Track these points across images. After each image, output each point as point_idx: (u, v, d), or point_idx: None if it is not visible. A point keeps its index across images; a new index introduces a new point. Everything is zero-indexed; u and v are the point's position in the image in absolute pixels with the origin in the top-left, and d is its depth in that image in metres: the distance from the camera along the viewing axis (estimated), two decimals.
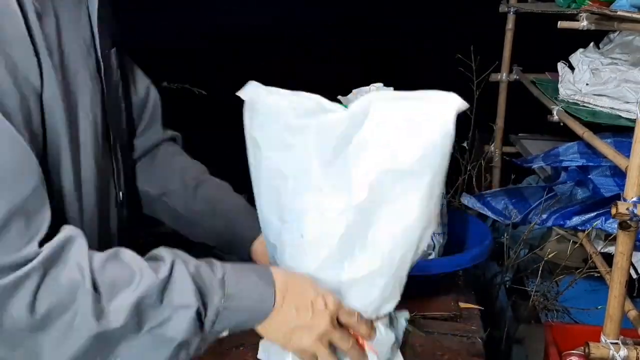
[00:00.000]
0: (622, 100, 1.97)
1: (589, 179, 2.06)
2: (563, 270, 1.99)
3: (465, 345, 1.46)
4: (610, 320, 1.40)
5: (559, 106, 2.07)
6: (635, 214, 1.29)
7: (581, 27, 1.76)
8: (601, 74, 2.03)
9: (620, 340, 1.39)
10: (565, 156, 2.17)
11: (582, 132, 1.80)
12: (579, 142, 2.17)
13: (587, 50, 2.20)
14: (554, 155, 2.22)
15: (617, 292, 1.38)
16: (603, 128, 2.02)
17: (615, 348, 1.37)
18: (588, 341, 1.40)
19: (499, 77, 2.79)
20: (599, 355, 1.38)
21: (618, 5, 1.75)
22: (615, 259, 1.39)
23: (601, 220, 1.79)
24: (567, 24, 1.80)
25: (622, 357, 1.36)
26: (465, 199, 2.23)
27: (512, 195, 2.20)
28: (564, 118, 1.98)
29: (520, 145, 2.80)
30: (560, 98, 2.17)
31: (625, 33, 2.15)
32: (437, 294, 1.73)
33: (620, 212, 1.30)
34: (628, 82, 1.96)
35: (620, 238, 1.37)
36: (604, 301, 1.42)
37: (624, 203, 1.30)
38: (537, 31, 2.57)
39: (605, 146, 1.64)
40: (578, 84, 2.11)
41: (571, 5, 2.21)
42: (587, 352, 1.38)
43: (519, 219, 2.09)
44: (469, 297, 1.74)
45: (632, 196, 1.31)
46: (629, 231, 1.34)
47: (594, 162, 2.08)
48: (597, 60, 2.09)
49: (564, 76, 2.19)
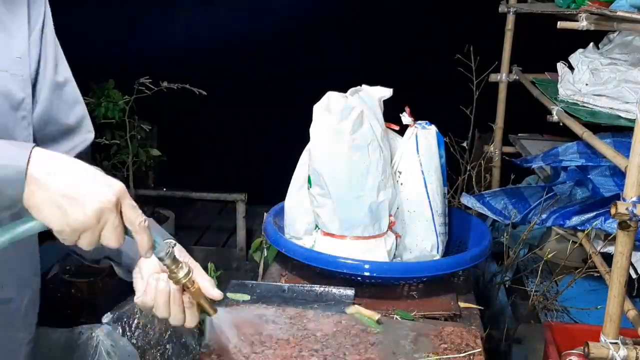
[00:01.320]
0: (621, 100, 1.98)
1: (589, 179, 2.07)
2: (563, 270, 2.00)
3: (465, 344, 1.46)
4: (610, 320, 1.40)
5: (559, 106, 2.07)
6: (635, 214, 1.29)
7: (581, 27, 1.76)
8: (601, 74, 2.04)
9: (620, 340, 1.40)
10: (564, 156, 2.17)
11: (582, 132, 1.81)
12: (578, 142, 2.17)
13: (587, 51, 2.20)
14: (553, 155, 2.22)
15: (616, 292, 1.39)
16: (602, 128, 2.02)
17: (614, 348, 1.37)
18: (588, 341, 1.40)
19: (498, 77, 2.79)
20: (599, 355, 1.38)
21: (617, 5, 1.76)
22: (614, 258, 1.39)
23: (601, 220, 1.79)
24: (567, 24, 1.81)
25: (621, 357, 1.37)
26: (465, 199, 2.23)
27: (512, 195, 2.20)
28: (564, 118, 1.98)
29: (520, 145, 2.80)
30: (560, 98, 2.18)
31: (624, 33, 2.15)
32: (437, 294, 1.73)
33: (619, 212, 1.30)
34: (627, 82, 1.97)
35: (619, 238, 1.37)
36: (604, 301, 1.43)
37: (624, 203, 1.31)
38: (537, 31, 2.57)
39: (605, 146, 1.65)
40: (577, 84, 2.11)
41: (571, 5, 2.21)
42: (586, 352, 1.39)
43: (518, 219, 2.10)
44: (469, 297, 1.75)
45: (631, 196, 1.31)
46: (629, 231, 1.34)
47: (594, 162, 2.08)
48: (596, 60, 2.09)
49: (564, 76, 2.20)
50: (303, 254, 1.76)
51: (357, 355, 1.39)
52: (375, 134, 1.72)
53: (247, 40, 4.03)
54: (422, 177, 1.79)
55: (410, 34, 3.90)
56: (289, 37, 4.00)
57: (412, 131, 1.83)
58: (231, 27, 4.03)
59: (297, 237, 1.88)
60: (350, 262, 1.67)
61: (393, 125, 1.85)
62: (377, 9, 3.93)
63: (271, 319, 1.51)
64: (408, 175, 1.80)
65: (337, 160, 1.70)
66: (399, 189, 1.81)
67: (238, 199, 3.77)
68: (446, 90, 3.22)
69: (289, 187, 1.90)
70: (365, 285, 1.72)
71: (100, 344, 2.21)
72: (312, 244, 1.82)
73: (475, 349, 1.44)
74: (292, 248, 1.79)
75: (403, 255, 1.84)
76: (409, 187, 1.80)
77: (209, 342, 1.38)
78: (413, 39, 3.90)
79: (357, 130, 1.69)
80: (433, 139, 1.83)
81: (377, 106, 1.80)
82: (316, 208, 1.78)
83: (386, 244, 1.76)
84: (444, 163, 1.88)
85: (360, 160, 1.70)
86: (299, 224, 1.88)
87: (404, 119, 1.85)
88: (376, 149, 1.71)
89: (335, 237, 1.76)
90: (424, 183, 1.79)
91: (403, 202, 1.81)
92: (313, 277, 1.79)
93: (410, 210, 1.81)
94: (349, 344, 1.43)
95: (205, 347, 1.41)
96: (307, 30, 3.99)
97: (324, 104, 1.74)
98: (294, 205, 1.88)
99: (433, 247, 1.81)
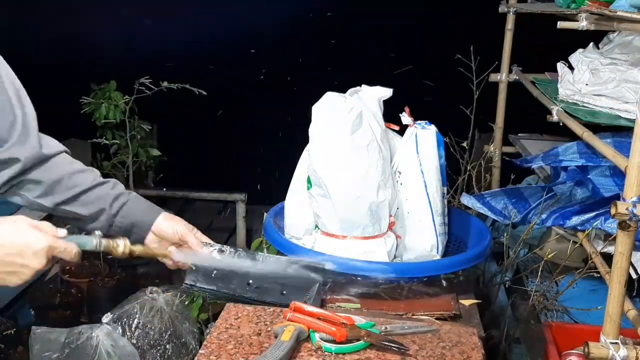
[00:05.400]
0: (621, 100, 1.97)
1: (589, 179, 2.06)
2: (563, 270, 1.99)
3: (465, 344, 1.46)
4: (610, 320, 1.40)
5: (559, 106, 2.07)
6: (635, 214, 1.29)
7: (581, 27, 1.76)
8: (600, 74, 2.04)
9: (620, 340, 1.39)
10: (564, 156, 2.17)
11: (582, 132, 1.81)
12: (578, 142, 2.17)
13: (587, 51, 2.20)
14: (553, 155, 2.22)
15: (616, 292, 1.38)
16: (602, 128, 2.02)
17: (614, 348, 1.37)
18: (587, 341, 1.40)
19: (498, 77, 2.79)
20: (599, 355, 1.38)
21: (617, 5, 1.75)
22: (614, 258, 1.39)
23: (601, 220, 1.79)
24: (567, 24, 1.81)
25: (621, 357, 1.36)
26: (465, 199, 2.23)
27: (512, 195, 2.20)
28: (564, 118, 1.98)
29: (520, 145, 2.80)
30: (560, 98, 2.17)
31: (624, 33, 2.15)
32: (437, 294, 1.73)
33: (619, 212, 1.30)
34: (627, 82, 1.97)
35: (619, 238, 1.37)
36: (604, 301, 1.42)
37: (624, 203, 1.30)
38: (537, 31, 2.57)
39: (605, 146, 1.64)
40: (577, 84, 2.11)
41: (571, 5, 2.21)
42: (586, 352, 1.38)
43: (518, 219, 2.10)
44: (468, 297, 1.75)
45: (631, 196, 1.31)
46: (629, 231, 1.34)
47: (594, 162, 2.08)
48: (596, 60, 2.09)
49: (564, 76, 2.20)
50: (303, 254, 1.75)
51: (356, 355, 1.39)
52: (375, 134, 1.72)
53: (247, 40, 4.02)
54: (422, 177, 1.79)
55: (410, 34, 3.90)
56: (289, 37, 3.99)
57: (412, 131, 1.83)
58: (231, 27, 4.02)
59: (297, 237, 1.88)
60: (350, 262, 1.67)
61: (393, 125, 1.85)
62: (377, 9, 3.93)
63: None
64: (408, 175, 1.80)
65: (337, 161, 1.70)
66: (398, 189, 1.81)
67: (238, 199, 3.77)
68: (446, 90, 3.22)
69: (289, 187, 1.90)
70: (365, 285, 1.72)
71: (100, 344, 2.21)
72: (312, 244, 1.82)
73: (474, 349, 1.44)
74: (292, 248, 1.79)
75: (403, 255, 1.84)
76: (408, 187, 1.80)
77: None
78: (413, 38, 3.89)
79: (356, 130, 1.69)
80: (433, 139, 1.83)
81: (377, 106, 1.80)
82: (316, 208, 1.78)
83: (386, 244, 1.76)
84: (443, 163, 1.88)
85: (359, 160, 1.70)
86: (299, 224, 1.88)
87: (404, 119, 1.85)
88: (376, 149, 1.71)
89: (335, 237, 1.76)
90: (424, 183, 1.79)
91: (403, 202, 1.81)
92: None
93: (410, 210, 1.81)
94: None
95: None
96: (307, 30, 3.99)
97: (323, 104, 1.74)
98: (294, 205, 1.88)
99: (433, 247, 1.81)
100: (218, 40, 3.99)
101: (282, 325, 1.42)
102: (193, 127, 4.25)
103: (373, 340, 1.40)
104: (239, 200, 3.76)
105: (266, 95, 4.10)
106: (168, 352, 2.41)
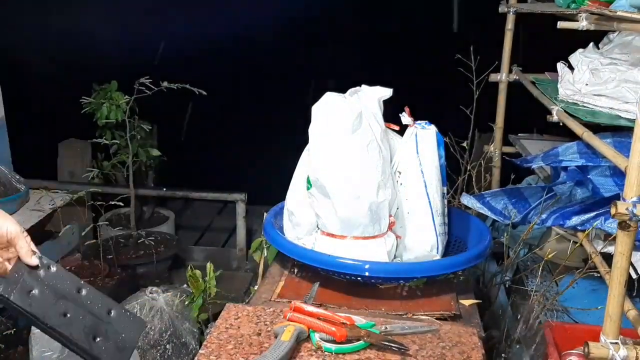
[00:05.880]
0: (621, 100, 1.97)
1: (589, 179, 2.06)
2: (563, 270, 1.99)
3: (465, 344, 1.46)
4: (610, 320, 1.40)
5: (559, 106, 2.07)
6: (635, 214, 1.29)
7: (581, 27, 1.76)
8: (600, 74, 2.04)
9: (620, 340, 1.39)
10: (564, 156, 2.17)
11: (582, 132, 1.81)
12: (578, 142, 2.16)
13: (587, 51, 2.20)
14: (553, 155, 2.22)
15: (616, 292, 1.39)
16: (602, 128, 2.02)
17: (614, 348, 1.37)
18: (588, 341, 1.40)
19: (498, 77, 2.79)
20: (599, 355, 1.38)
21: (617, 5, 1.76)
22: (614, 258, 1.39)
23: (601, 220, 1.79)
24: (567, 24, 1.80)
25: (621, 357, 1.36)
26: (465, 199, 2.23)
27: (512, 195, 2.20)
28: (564, 118, 1.98)
29: (520, 145, 2.80)
30: (560, 98, 2.17)
31: (624, 33, 2.15)
32: (437, 294, 1.73)
33: (619, 212, 1.30)
34: (627, 82, 1.96)
35: (619, 238, 1.37)
36: (604, 301, 1.42)
37: (624, 203, 1.31)
38: (537, 31, 2.57)
39: (605, 146, 1.64)
40: (577, 84, 2.11)
41: (571, 5, 2.21)
42: (586, 352, 1.38)
43: (518, 219, 2.10)
44: (468, 297, 1.75)
45: (631, 196, 1.31)
46: (629, 231, 1.34)
47: (594, 162, 2.08)
48: (596, 60, 2.09)
49: (564, 76, 2.19)
50: (303, 254, 1.76)
51: (356, 355, 1.39)
52: (375, 134, 1.72)
53: (247, 41, 4.03)
54: (422, 177, 1.79)
55: (410, 34, 3.90)
56: (288, 37, 4.00)
57: (412, 131, 1.83)
58: (231, 27, 4.03)
59: (297, 237, 1.88)
60: (350, 262, 1.67)
61: (393, 125, 1.85)
62: (377, 9, 3.93)
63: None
64: (408, 175, 1.80)
65: (337, 161, 1.70)
66: (398, 189, 1.81)
67: (238, 199, 3.77)
68: (446, 90, 3.22)
69: (289, 187, 1.90)
70: (365, 285, 1.73)
71: None
72: (312, 244, 1.82)
73: (474, 349, 1.44)
74: (292, 248, 1.79)
75: (403, 255, 1.84)
76: (408, 187, 1.80)
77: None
78: (413, 39, 3.90)
79: (356, 130, 1.69)
80: (433, 139, 1.83)
81: (377, 106, 1.80)
82: (316, 208, 1.78)
83: (386, 244, 1.76)
84: (443, 163, 1.88)
85: (359, 160, 1.70)
86: (299, 224, 1.88)
87: (404, 119, 1.85)
88: (375, 149, 1.71)
89: (335, 237, 1.76)
90: (424, 183, 1.79)
91: (403, 202, 1.81)
92: (313, 277, 1.79)
93: (410, 210, 1.81)
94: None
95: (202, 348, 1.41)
96: (307, 30, 3.99)
97: (322, 104, 1.74)
98: (293, 205, 1.88)
99: (433, 247, 1.81)
100: (218, 41, 3.99)
101: (282, 325, 1.42)
102: (193, 127, 4.25)
103: (373, 340, 1.40)
104: (239, 200, 3.76)
105: (266, 96, 4.11)
106: (168, 352, 2.41)
